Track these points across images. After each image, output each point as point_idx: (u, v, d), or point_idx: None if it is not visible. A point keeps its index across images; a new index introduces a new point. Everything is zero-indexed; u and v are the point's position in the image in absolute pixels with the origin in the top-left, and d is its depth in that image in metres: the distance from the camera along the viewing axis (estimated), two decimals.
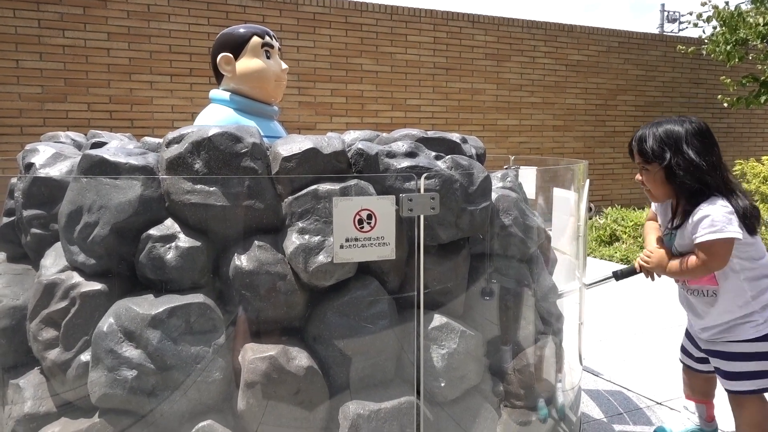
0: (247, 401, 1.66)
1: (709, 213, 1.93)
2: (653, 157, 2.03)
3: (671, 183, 2.02)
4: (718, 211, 1.92)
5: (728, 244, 1.93)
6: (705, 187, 1.97)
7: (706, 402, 2.34)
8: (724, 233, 1.90)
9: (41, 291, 1.77)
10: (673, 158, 1.99)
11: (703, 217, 1.93)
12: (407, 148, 1.90)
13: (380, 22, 8.28)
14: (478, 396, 1.97)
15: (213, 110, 2.38)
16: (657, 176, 2.04)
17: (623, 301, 4.68)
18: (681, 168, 1.97)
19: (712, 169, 1.98)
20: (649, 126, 2.09)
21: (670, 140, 2.01)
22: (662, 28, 28.21)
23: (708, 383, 2.30)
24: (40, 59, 6.52)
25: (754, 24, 7.90)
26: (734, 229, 1.91)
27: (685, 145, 1.99)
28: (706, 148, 2.01)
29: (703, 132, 2.03)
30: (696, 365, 2.27)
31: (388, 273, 1.84)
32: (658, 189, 2.08)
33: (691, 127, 2.02)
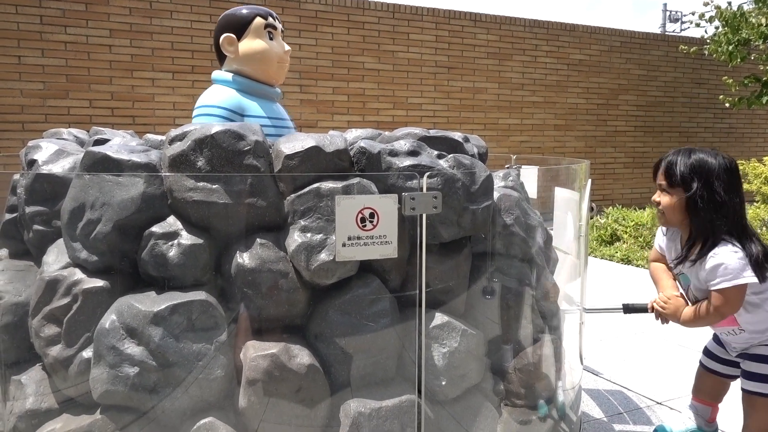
0: (248, 399, 1.66)
1: (722, 261, 1.92)
2: (680, 182, 2.02)
3: (689, 213, 2.01)
4: (731, 258, 1.92)
5: (742, 290, 1.94)
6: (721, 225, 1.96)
7: (712, 405, 2.35)
8: (738, 280, 1.91)
9: (43, 287, 1.77)
10: (699, 189, 1.97)
11: (718, 265, 1.92)
12: (409, 147, 1.90)
13: (382, 21, 8.28)
14: (479, 395, 1.97)
15: (215, 91, 2.37)
16: (677, 202, 2.03)
17: (624, 300, 4.67)
18: (704, 200, 1.96)
19: (734, 210, 1.97)
20: (681, 151, 2.06)
21: (702, 171, 1.98)
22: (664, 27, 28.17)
23: (722, 387, 2.30)
24: (42, 55, 6.52)
25: (757, 24, 7.89)
26: (748, 275, 1.91)
27: (714, 178, 1.97)
28: (734, 187, 1.99)
29: (733, 170, 2.01)
30: (722, 368, 2.26)
31: (390, 271, 1.84)
32: (673, 215, 2.05)
33: (724, 162, 1.99)
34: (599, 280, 5.32)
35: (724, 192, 1.96)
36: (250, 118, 2.34)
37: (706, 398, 2.35)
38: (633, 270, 5.84)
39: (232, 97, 2.33)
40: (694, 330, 3.79)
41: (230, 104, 2.31)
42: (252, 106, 2.36)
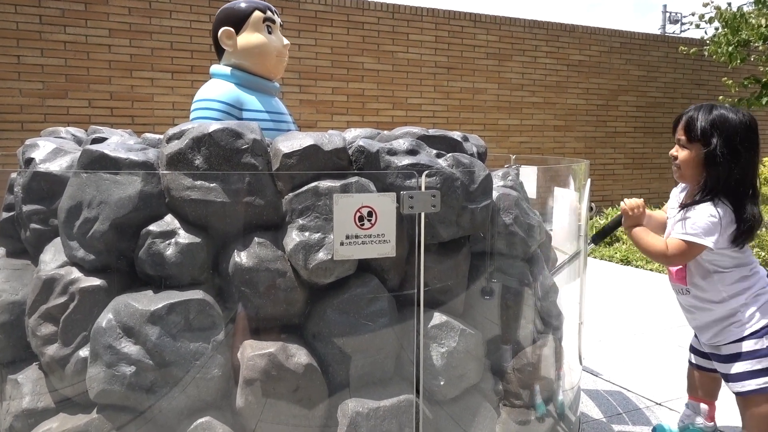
0: (245, 398, 1.65)
1: (696, 216, 1.97)
2: (699, 137, 2.01)
3: (707, 168, 2.01)
4: (704, 217, 1.96)
5: (693, 249, 1.99)
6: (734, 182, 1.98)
7: (708, 402, 2.34)
8: (695, 238, 1.95)
9: (40, 286, 1.76)
10: (719, 145, 1.98)
11: (688, 218, 1.98)
12: (408, 146, 1.90)
13: (382, 21, 8.27)
14: (478, 395, 1.97)
15: (214, 85, 2.36)
16: (695, 158, 2.03)
17: (623, 301, 4.67)
18: (723, 156, 1.97)
19: (749, 167, 1.99)
20: (703, 107, 2.06)
21: (723, 126, 1.99)
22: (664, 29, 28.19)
23: (714, 383, 2.31)
24: (41, 55, 6.51)
25: (757, 25, 7.89)
26: (708, 240, 1.95)
27: (734, 135, 1.98)
28: (752, 144, 2.01)
29: (753, 128, 2.03)
30: (707, 363, 2.27)
31: (389, 271, 1.83)
32: (689, 170, 2.06)
33: (744, 119, 2.01)
34: (599, 281, 5.31)
35: (743, 149, 1.97)
36: (248, 112, 2.33)
37: (702, 396, 2.35)
38: (632, 271, 5.84)
39: (230, 91, 2.32)
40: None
41: (229, 98, 2.30)
42: (250, 101, 2.35)
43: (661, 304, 4.50)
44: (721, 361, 2.11)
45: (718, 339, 2.10)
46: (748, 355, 2.03)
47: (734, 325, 2.05)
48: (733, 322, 2.05)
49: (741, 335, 2.04)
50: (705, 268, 2.06)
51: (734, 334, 2.05)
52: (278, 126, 2.39)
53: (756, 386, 2.02)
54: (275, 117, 2.40)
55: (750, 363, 2.03)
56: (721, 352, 2.10)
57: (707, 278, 2.06)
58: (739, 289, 2.04)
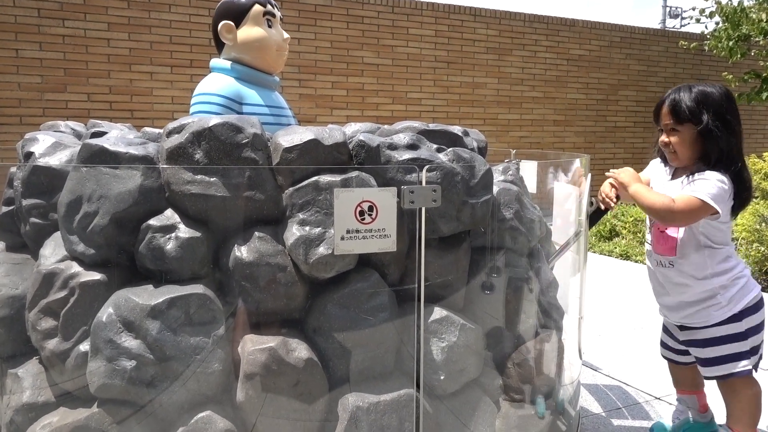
0: (246, 393, 1.65)
1: (708, 178, 1.97)
2: (689, 117, 2.02)
3: (706, 144, 2.01)
4: (716, 183, 1.96)
5: (706, 210, 1.96)
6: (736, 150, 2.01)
7: (696, 393, 2.35)
8: (709, 199, 1.94)
9: (40, 280, 1.76)
10: (711, 120, 1.99)
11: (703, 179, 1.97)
12: (409, 141, 1.89)
13: (382, 15, 8.25)
14: (478, 389, 1.97)
15: (214, 79, 2.35)
16: (689, 137, 2.04)
17: (623, 295, 4.68)
18: (719, 129, 1.98)
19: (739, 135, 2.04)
20: (681, 88, 2.09)
21: (708, 101, 2.02)
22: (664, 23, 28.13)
23: (693, 373, 2.31)
24: (40, 49, 6.49)
25: (757, 20, 7.88)
26: (722, 206, 1.96)
27: (721, 107, 2.01)
28: (736, 113, 2.05)
29: (732, 97, 2.07)
30: (677, 357, 2.30)
31: (389, 265, 1.83)
32: (685, 151, 2.07)
33: (723, 91, 2.05)
34: (598, 276, 5.32)
35: (733, 117, 2.02)
36: (248, 106, 2.32)
37: (688, 388, 2.35)
38: (632, 266, 5.84)
39: (230, 85, 2.31)
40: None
41: (229, 92, 2.29)
42: (250, 95, 2.34)
43: None
44: (699, 346, 2.10)
45: (693, 320, 2.09)
46: (727, 339, 2.04)
47: (713, 308, 2.04)
48: (711, 305, 2.05)
49: (719, 319, 2.04)
50: (698, 240, 2.06)
51: (713, 317, 2.05)
52: (278, 120, 2.38)
53: (737, 369, 2.03)
54: (275, 111, 2.39)
55: (728, 347, 2.04)
56: (698, 336, 2.09)
57: (698, 251, 2.06)
58: (723, 269, 2.05)
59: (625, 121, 10.33)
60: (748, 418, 2.07)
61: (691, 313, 2.09)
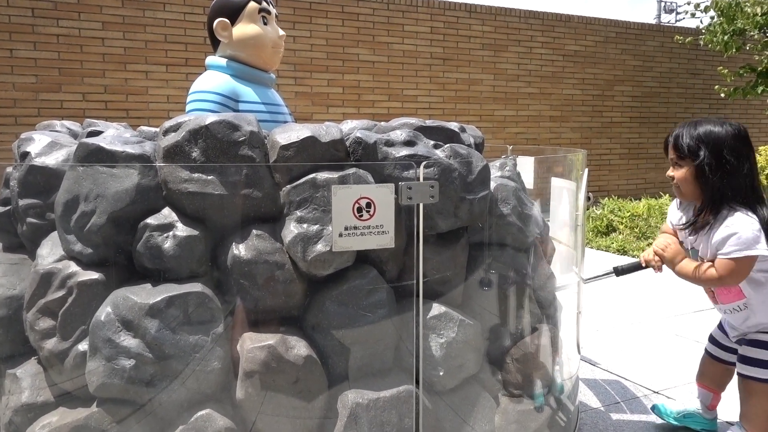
0: (245, 390, 1.65)
1: (737, 230, 1.91)
2: (687, 153, 2.02)
3: (700, 182, 2.00)
4: (747, 227, 1.91)
5: (752, 261, 1.93)
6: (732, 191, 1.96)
7: (715, 392, 2.35)
8: (750, 251, 1.89)
9: (38, 280, 1.76)
10: (707, 157, 1.98)
11: (732, 234, 1.92)
12: (406, 137, 1.89)
13: (377, 12, 8.24)
14: (477, 385, 1.97)
15: (209, 76, 2.35)
16: (689, 174, 2.03)
17: (621, 290, 4.69)
18: (713, 168, 1.96)
19: (744, 175, 1.97)
20: (688, 123, 2.07)
21: (708, 139, 1.99)
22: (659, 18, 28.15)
23: (726, 374, 2.31)
24: (35, 49, 6.47)
25: (752, 14, 7.88)
26: (762, 247, 1.90)
27: (722, 146, 1.97)
28: (743, 152, 1.99)
29: (742, 136, 2.01)
30: (722, 354, 2.28)
31: (387, 262, 1.83)
32: (687, 187, 2.06)
33: (731, 129, 2.00)
34: (596, 271, 5.32)
35: (734, 159, 1.97)
36: (244, 103, 2.31)
37: (710, 384, 2.35)
38: (629, 261, 5.85)
39: (226, 83, 2.31)
40: (692, 320, 3.80)
41: (224, 90, 2.29)
42: (246, 92, 2.34)
43: (659, 293, 4.51)
44: (751, 345, 2.09)
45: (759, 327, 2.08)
46: None
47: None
48: None
49: None
50: (757, 279, 2.02)
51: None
52: (275, 117, 2.38)
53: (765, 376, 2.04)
54: (272, 108, 2.39)
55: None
56: (758, 337, 2.08)
57: (760, 288, 2.03)
58: None
59: (621, 117, 10.33)
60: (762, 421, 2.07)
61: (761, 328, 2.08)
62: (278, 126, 2.36)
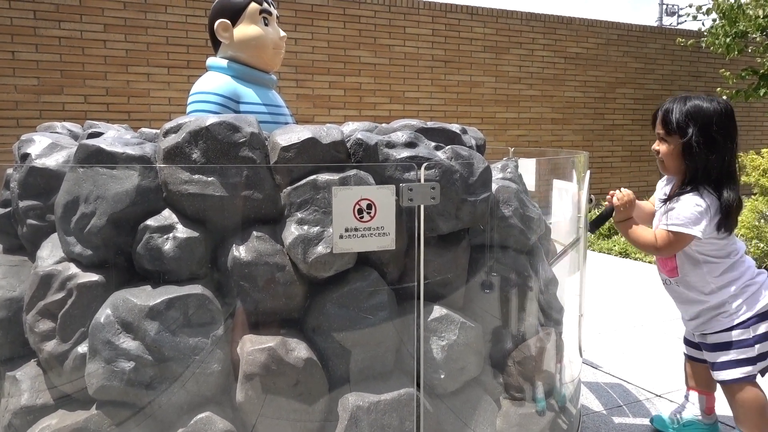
0: (245, 393, 1.64)
1: (680, 206, 1.99)
2: (675, 129, 2.03)
3: (685, 158, 2.02)
4: (690, 207, 1.97)
5: (682, 239, 2.00)
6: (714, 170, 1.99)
7: (707, 393, 2.34)
8: (683, 228, 1.97)
9: (38, 282, 1.75)
10: (695, 135, 1.98)
11: (674, 208, 2.00)
12: (407, 139, 1.89)
13: (378, 14, 8.24)
14: (478, 388, 1.96)
15: (210, 77, 2.35)
16: (674, 149, 2.05)
17: (622, 293, 4.67)
18: (700, 145, 1.98)
19: (726, 155, 2.01)
20: (677, 99, 2.08)
21: (698, 116, 2.01)
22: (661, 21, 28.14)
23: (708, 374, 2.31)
24: (36, 51, 6.48)
25: (754, 16, 7.87)
26: (698, 229, 1.96)
27: (710, 124, 1.99)
28: (729, 132, 2.02)
29: (729, 115, 2.04)
30: (698, 354, 2.29)
31: (388, 264, 1.82)
32: (671, 162, 2.09)
33: (720, 107, 2.02)
34: (598, 274, 5.31)
35: (720, 137, 1.99)
36: (245, 104, 2.31)
37: (698, 387, 2.35)
38: (631, 263, 5.84)
39: (227, 84, 2.30)
40: None
41: (225, 91, 2.28)
42: (247, 93, 2.33)
43: (660, 296, 4.50)
44: (708, 350, 2.14)
45: (704, 327, 2.13)
46: (735, 345, 2.07)
47: (722, 315, 2.08)
48: (720, 312, 2.08)
49: (728, 325, 2.07)
50: (695, 258, 2.08)
51: (721, 324, 2.08)
52: (276, 119, 2.37)
53: (741, 375, 2.05)
54: (273, 110, 2.38)
55: (736, 353, 2.06)
56: (708, 341, 2.14)
57: (697, 268, 2.08)
58: (728, 280, 2.07)
59: (623, 119, 10.33)
60: (753, 421, 2.07)
61: (704, 322, 2.13)
62: (279, 127, 2.36)
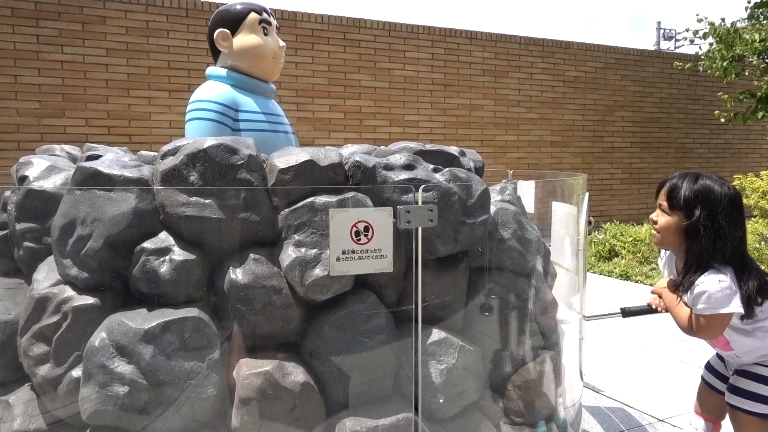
0: (241, 418, 1.62)
1: (707, 289, 1.90)
2: (682, 206, 1.99)
3: (688, 239, 1.97)
4: (715, 286, 1.89)
5: (724, 319, 1.91)
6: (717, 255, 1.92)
7: (715, 422, 2.30)
8: (719, 309, 1.88)
9: (33, 305, 1.74)
10: (702, 217, 1.95)
11: (702, 292, 1.90)
12: (405, 161, 1.89)
13: (378, 39, 8.32)
14: (478, 412, 1.93)
15: (209, 86, 2.36)
16: (675, 225, 2.00)
17: None
18: (706, 229, 1.93)
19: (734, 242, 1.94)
20: (688, 175, 2.03)
21: (706, 198, 1.95)
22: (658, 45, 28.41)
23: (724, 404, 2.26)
24: (39, 75, 6.52)
25: (750, 40, 7.94)
26: (734, 305, 1.88)
27: (718, 208, 1.94)
28: (736, 219, 1.96)
29: (737, 202, 1.98)
30: (718, 384, 2.23)
31: (386, 286, 1.81)
32: (668, 236, 2.02)
33: (729, 192, 1.96)
34: (598, 296, 5.28)
35: (727, 223, 1.93)
36: (244, 113, 2.32)
37: (708, 415, 2.30)
38: (632, 286, 5.81)
39: (226, 93, 2.31)
40: (696, 346, 3.76)
41: (224, 99, 2.29)
42: (246, 102, 2.34)
43: (662, 319, 4.47)
44: (741, 375, 2.05)
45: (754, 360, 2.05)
46: None
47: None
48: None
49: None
50: (743, 330, 1.98)
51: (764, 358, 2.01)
52: (275, 128, 2.37)
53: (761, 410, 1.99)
54: (271, 119, 2.39)
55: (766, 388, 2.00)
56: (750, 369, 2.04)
57: (750, 337, 1.99)
58: None
59: (621, 142, 10.36)
60: None
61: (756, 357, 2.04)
62: (278, 136, 2.36)
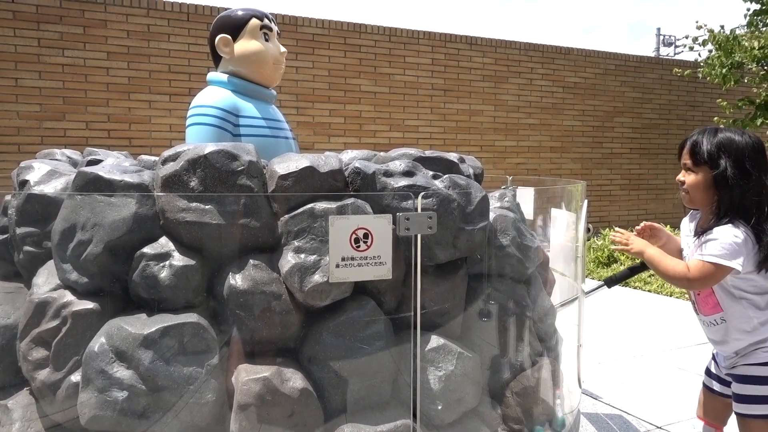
0: (240, 424, 1.62)
1: (718, 237, 1.89)
2: (706, 160, 1.99)
3: (718, 191, 1.97)
4: (729, 238, 1.89)
5: (723, 271, 1.91)
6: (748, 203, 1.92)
7: (717, 427, 2.30)
8: (723, 260, 1.88)
9: (32, 310, 1.74)
10: (728, 167, 1.95)
11: (713, 239, 1.90)
12: (405, 167, 1.89)
13: (379, 44, 8.34)
14: (476, 419, 1.94)
15: (210, 91, 2.36)
16: (703, 181, 2.00)
17: (622, 322, 4.64)
18: (734, 178, 1.93)
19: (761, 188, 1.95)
20: (707, 130, 2.04)
21: (729, 148, 1.95)
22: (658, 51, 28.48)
23: (727, 408, 2.26)
24: (39, 78, 6.53)
25: (749, 47, 7.97)
26: (736, 262, 1.87)
27: (744, 157, 1.94)
28: (763, 164, 1.97)
29: (760, 149, 1.98)
30: (718, 387, 2.24)
31: (385, 293, 1.82)
32: (698, 193, 2.02)
33: (750, 140, 1.97)
34: (597, 303, 5.28)
35: (753, 170, 1.93)
36: (245, 118, 2.32)
37: (711, 419, 2.30)
38: (631, 292, 5.81)
39: (227, 98, 2.32)
40: (695, 353, 3.76)
41: (225, 105, 2.30)
42: (247, 107, 2.35)
43: (661, 325, 4.47)
44: (738, 381, 2.06)
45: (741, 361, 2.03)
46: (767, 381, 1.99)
47: (762, 349, 1.98)
48: (761, 347, 1.99)
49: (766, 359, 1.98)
50: (732, 293, 1.99)
51: (759, 358, 1.98)
52: (275, 133, 2.38)
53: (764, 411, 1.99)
54: (272, 124, 2.40)
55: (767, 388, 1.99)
56: (741, 372, 2.03)
57: (737, 302, 1.99)
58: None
59: (621, 148, 10.38)
60: None
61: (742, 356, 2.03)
62: (278, 142, 2.37)
